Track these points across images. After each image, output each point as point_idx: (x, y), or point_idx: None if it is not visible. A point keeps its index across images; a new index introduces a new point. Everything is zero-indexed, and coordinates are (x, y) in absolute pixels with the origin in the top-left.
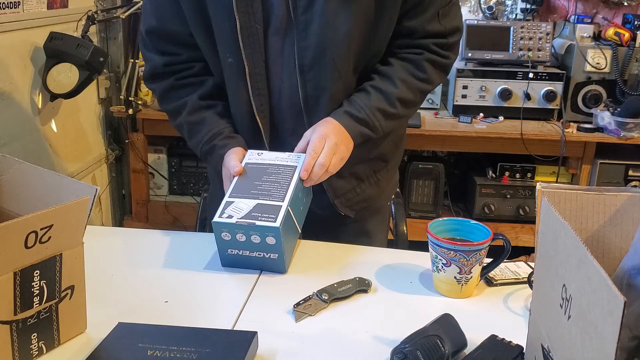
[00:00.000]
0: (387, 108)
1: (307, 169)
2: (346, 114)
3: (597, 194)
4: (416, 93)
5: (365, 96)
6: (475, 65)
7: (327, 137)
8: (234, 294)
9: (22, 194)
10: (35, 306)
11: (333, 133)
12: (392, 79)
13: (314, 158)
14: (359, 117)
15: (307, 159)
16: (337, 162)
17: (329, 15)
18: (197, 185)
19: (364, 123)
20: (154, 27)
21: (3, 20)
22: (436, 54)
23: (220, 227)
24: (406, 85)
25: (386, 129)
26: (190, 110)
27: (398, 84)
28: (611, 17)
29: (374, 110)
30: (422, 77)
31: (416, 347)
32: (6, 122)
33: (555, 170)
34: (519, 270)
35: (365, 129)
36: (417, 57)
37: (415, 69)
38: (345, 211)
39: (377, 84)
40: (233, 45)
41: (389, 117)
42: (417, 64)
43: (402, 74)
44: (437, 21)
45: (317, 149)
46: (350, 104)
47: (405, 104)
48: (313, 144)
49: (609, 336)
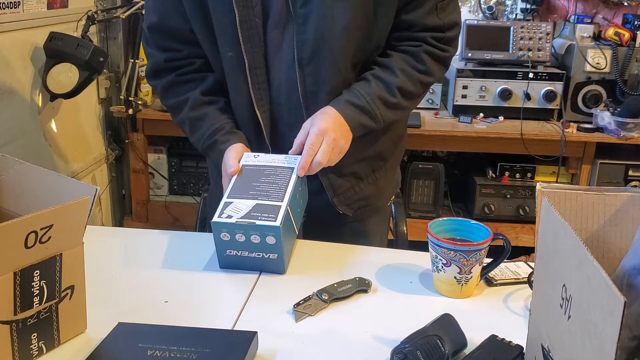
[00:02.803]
0: (388, 97)
1: (303, 167)
2: (346, 102)
3: (597, 194)
4: (416, 84)
5: (366, 84)
6: (475, 65)
7: (326, 133)
8: (233, 294)
9: (22, 194)
10: (35, 306)
11: (332, 128)
12: (392, 68)
13: (310, 155)
14: (359, 104)
15: (305, 156)
16: (336, 156)
17: (327, 8)
18: (197, 185)
19: (364, 111)
20: (156, 23)
21: (3, 20)
22: (434, 47)
23: (219, 227)
24: (406, 75)
25: (387, 119)
26: (192, 106)
27: (398, 74)
28: (611, 17)
29: (374, 98)
30: (421, 68)
31: (416, 347)
32: (6, 122)
33: (555, 170)
34: (519, 270)
35: (365, 118)
36: (416, 50)
37: (415, 60)
38: (343, 209)
39: (377, 73)
40: (233, 39)
41: (390, 106)
42: (416, 56)
43: (401, 64)
44: (435, 15)
45: (314, 146)
46: (350, 92)
47: (406, 95)
48: (311, 139)
49: (609, 336)
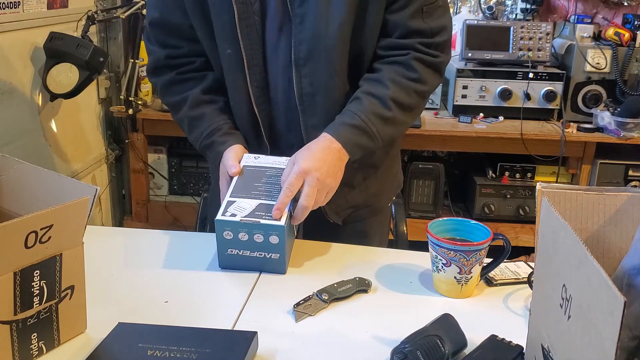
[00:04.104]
0: (382, 111)
1: (279, 208)
2: (341, 125)
3: (597, 194)
4: (411, 94)
5: (357, 102)
6: (475, 65)
7: (308, 174)
8: (233, 294)
9: (22, 194)
10: (35, 306)
11: (315, 167)
12: (381, 81)
13: (288, 196)
14: (353, 124)
15: (281, 197)
16: (322, 198)
17: (322, 6)
18: (197, 185)
19: (360, 130)
20: (157, 18)
21: (3, 20)
22: (424, 53)
23: (223, 225)
24: (398, 85)
25: (384, 135)
26: (191, 105)
27: (389, 85)
28: (611, 17)
29: (369, 115)
30: (413, 76)
31: (416, 347)
32: (6, 122)
33: (555, 170)
34: (519, 270)
35: (362, 139)
36: (405, 58)
37: (406, 69)
38: (333, 218)
39: (367, 89)
40: (231, 36)
41: (386, 121)
42: (406, 64)
43: (391, 75)
44: (420, 19)
45: (293, 187)
46: (343, 114)
47: (401, 106)
48: (289, 181)
49: (609, 336)
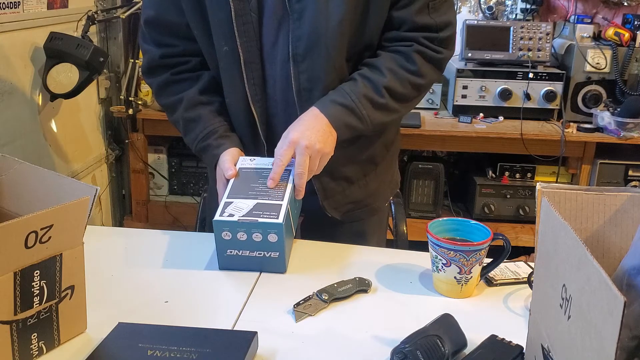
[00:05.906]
0: (375, 96)
1: (273, 178)
2: (331, 101)
3: (597, 194)
4: (406, 85)
5: (352, 83)
6: (475, 65)
7: (297, 144)
8: (233, 294)
9: (22, 194)
10: (35, 306)
11: (303, 136)
12: (379, 68)
13: (279, 166)
14: (344, 103)
15: (274, 167)
16: (316, 164)
17: (322, 2)
18: (197, 185)
19: (349, 110)
20: (152, 17)
21: (3, 20)
22: (427, 47)
23: (221, 225)
24: (394, 75)
25: (374, 120)
26: (186, 106)
27: (385, 73)
28: (611, 17)
29: (360, 97)
30: (411, 69)
31: (416, 347)
32: (6, 122)
33: (555, 170)
34: (519, 270)
35: (351, 118)
36: (406, 49)
37: (405, 60)
38: (332, 213)
39: (364, 73)
40: (228, 33)
41: (377, 106)
42: (406, 55)
43: (389, 64)
44: (427, 14)
45: (283, 157)
46: (336, 91)
47: (395, 96)
48: (280, 151)
49: (609, 336)
